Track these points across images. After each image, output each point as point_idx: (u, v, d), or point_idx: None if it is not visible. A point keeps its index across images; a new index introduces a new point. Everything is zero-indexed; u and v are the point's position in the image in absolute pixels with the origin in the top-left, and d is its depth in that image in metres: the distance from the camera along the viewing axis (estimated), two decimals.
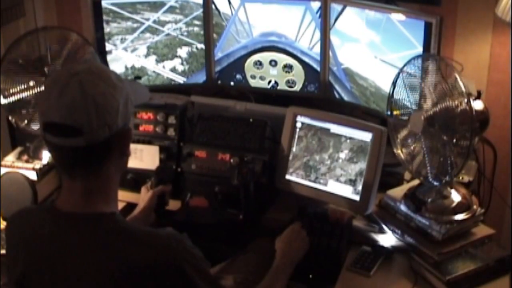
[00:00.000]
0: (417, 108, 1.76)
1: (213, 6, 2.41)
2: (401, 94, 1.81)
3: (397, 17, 2.07)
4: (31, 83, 2.11)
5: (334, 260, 1.78)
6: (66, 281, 1.25)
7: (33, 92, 2.12)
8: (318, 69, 2.37)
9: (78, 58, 2.16)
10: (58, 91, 1.22)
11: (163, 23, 2.43)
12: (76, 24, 2.68)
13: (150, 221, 1.88)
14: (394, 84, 1.83)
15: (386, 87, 2.04)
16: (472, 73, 2.18)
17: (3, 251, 1.80)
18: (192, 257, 1.27)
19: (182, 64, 2.48)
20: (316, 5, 2.29)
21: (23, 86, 2.11)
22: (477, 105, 1.73)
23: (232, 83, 2.51)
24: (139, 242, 1.24)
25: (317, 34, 2.33)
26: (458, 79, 1.64)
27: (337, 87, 2.35)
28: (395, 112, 1.85)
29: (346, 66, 2.29)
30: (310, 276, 1.79)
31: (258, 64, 2.46)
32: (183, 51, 2.47)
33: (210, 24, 2.41)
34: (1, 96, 2.11)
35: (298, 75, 2.43)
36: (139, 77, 2.40)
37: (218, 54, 2.48)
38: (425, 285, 1.70)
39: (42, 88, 2.11)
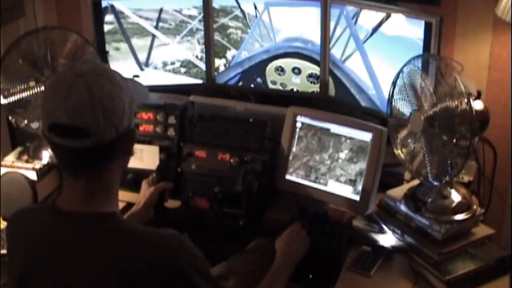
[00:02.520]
0: (417, 108, 1.76)
1: (239, 9, 2.38)
2: (401, 94, 1.81)
3: (397, 17, 2.07)
4: (31, 83, 2.12)
5: (334, 260, 1.78)
6: (67, 280, 1.25)
7: (33, 92, 2.12)
8: (352, 90, 2.26)
9: (78, 58, 2.16)
10: (64, 92, 1.21)
11: (226, 28, 2.43)
12: (76, 24, 2.68)
13: (149, 217, 1.89)
14: (394, 84, 1.83)
15: None
16: (472, 73, 2.18)
17: (3, 251, 1.80)
18: (193, 258, 1.27)
19: (224, 65, 2.48)
20: (352, 10, 2.17)
21: (23, 86, 2.12)
22: (477, 105, 1.72)
23: (252, 86, 2.48)
24: (140, 242, 1.24)
25: (352, 44, 2.22)
26: (458, 79, 1.64)
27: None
28: (395, 112, 1.86)
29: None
30: (310, 276, 1.79)
31: (280, 70, 2.41)
32: (230, 54, 2.46)
33: (210, 25, 2.41)
34: (1, 96, 2.11)
35: None
36: (137, 76, 2.39)
37: (241, 56, 2.45)
38: (425, 285, 1.70)
39: (42, 88, 2.11)
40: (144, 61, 2.48)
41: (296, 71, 2.39)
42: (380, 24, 2.12)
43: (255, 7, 2.36)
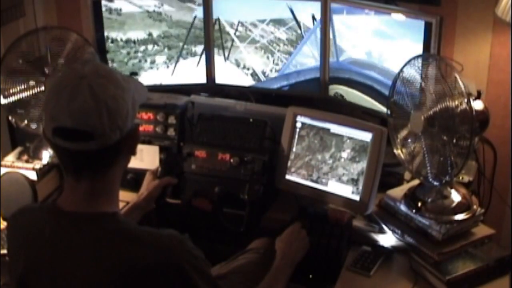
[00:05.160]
0: (417, 108, 1.76)
1: (295, 21, 2.24)
2: (401, 94, 1.81)
3: (397, 17, 2.07)
4: (31, 83, 2.12)
5: (334, 260, 1.78)
6: (67, 280, 1.25)
7: (33, 92, 2.12)
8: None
9: (78, 58, 2.16)
10: (67, 95, 1.21)
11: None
12: (76, 24, 2.68)
13: (149, 209, 1.90)
14: (394, 84, 1.83)
15: None
16: (472, 73, 2.18)
17: (3, 251, 1.80)
18: (193, 258, 1.27)
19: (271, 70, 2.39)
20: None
21: (23, 86, 2.12)
22: (477, 105, 1.73)
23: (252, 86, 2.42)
24: (141, 242, 1.24)
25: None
26: (458, 79, 1.64)
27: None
28: (395, 112, 1.86)
29: None
30: (310, 276, 1.79)
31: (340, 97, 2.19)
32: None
33: (210, 25, 2.41)
34: (1, 96, 2.11)
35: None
36: (135, 73, 2.38)
37: (290, 68, 2.32)
38: (425, 285, 1.70)
39: (42, 88, 2.11)
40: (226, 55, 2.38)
41: None
42: None
43: (313, 18, 2.16)
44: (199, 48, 2.30)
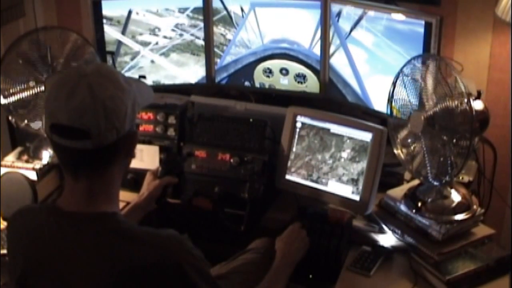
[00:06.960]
0: (417, 108, 1.76)
1: (226, 12, 2.37)
2: (401, 94, 1.81)
3: (397, 17, 2.07)
4: (31, 83, 2.12)
5: (334, 260, 1.78)
6: (67, 280, 1.25)
7: (33, 92, 2.12)
8: (338, 85, 2.30)
9: (78, 58, 2.16)
10: (66, 92, 1.21)
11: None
12: (76, 24, 2.68)
13: (150, 210, 1.90)
14: (394, 84, 1.83)
15: None
16: (472, 73, 2.18)
17: (3, 251, 1.80)
18: (193, 258, 1.27)
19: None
20: (335, 8, 2.21)
21: (23, 86, 2.12)
22: (477, 105, 1.73)
23: (251, 85, 2.47)
24: (140, 242, 1.24)
25: (336, 41, 2.26)
26: (458, 79, 1.64)
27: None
28: (395, 112, 1.86)
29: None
30: (310, 276, 1.79)
31: (268, 72, 2.40)
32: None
33: (210, 24, 2.41)
34: (1, 96, 2.11)
35: (312, 86, 2.37)
36: (143, 77, 2.39)
37: (227, 59, 2.44)
38: (425, 285, 1.70)
39: (42, 88, 2.11)
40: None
41: (284, 72, 2.39)
42: (358, 21, 2.16)
43: (242, 9, 2.35)
44: None
